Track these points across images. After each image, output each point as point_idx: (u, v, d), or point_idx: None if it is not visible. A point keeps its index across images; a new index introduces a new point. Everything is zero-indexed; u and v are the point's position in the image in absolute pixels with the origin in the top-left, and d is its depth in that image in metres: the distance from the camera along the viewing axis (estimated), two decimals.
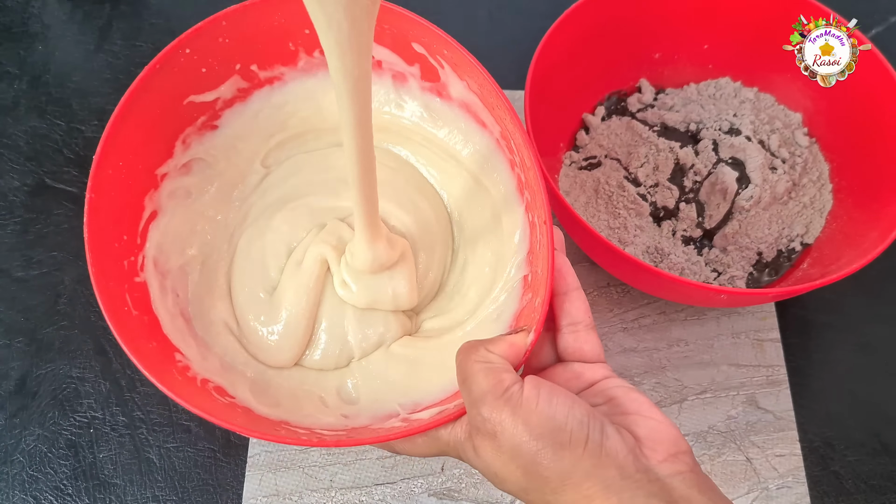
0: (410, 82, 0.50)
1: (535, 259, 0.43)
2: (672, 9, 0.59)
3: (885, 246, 0.47)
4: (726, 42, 0.61)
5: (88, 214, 0.39)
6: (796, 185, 0.58)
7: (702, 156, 0.57)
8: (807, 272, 0.55)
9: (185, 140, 0.47)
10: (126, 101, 0.42)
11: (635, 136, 0.60)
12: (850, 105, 0.57)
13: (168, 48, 0.44)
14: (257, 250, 0.47)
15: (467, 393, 0.33)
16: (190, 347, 0.43)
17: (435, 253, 0.49)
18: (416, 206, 0.49)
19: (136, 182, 0.44)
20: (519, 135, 0.42)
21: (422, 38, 0.46)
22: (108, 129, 0.41)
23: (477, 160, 0.49)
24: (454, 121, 0.50)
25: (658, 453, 0.31)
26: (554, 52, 0.54)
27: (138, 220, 0.44)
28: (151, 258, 0.44)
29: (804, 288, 0.47)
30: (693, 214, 0.56)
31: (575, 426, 0.30)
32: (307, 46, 0.49)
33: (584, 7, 0.55)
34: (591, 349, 0.37)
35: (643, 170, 0.58)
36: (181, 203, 0.47)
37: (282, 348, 0.45)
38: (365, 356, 0.46)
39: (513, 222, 0.46)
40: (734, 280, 0.55)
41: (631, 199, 0.57)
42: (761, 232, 0.56)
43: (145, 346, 0.39)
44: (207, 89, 0.47)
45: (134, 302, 0.41)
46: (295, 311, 0.45)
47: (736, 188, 0.55)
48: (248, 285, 0.47)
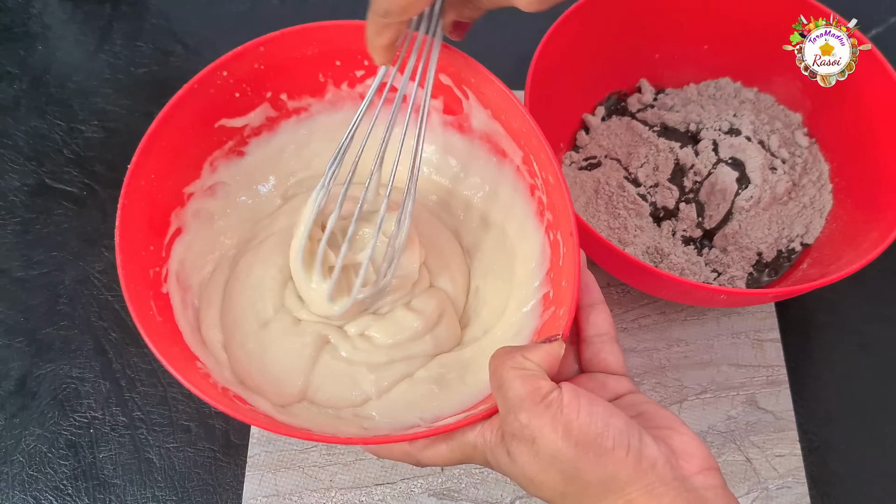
0: (433, 117, 0.50)
1: (557, 275, 0.43)
2: (672, 9, 0.59)
3: (884, 246, 0.47)
4: (726, 42, 0.61)
5: (121, 219, 0.40)
6: (796, 185, 0.58)
7: (702, 156, 0.57)
8: (806, 272, 0.55)
9: (212, 163, 0.48)
10: (163, 116, 0.43)
11: (635, 137, 0.60)
12: (850, 105, 0.57)
13: (208, 69, 0.45)
14: (256, 277, 0.47)
15: (503, 399, 0.33)
16: (209, 358, 0.44)
17: (457, 282, 0.50)
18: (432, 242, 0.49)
19: (165, 196, 0.45)
20: (543, 154, 0.42)
21: (449, 68, 0.46)
22: (145, 141, 0.42)
23: (489, 197, 0.50)
24: (473, 159, 0.50)
25: (693, 466, 0.31)
26: (554, 52, 0.54)
27: (164, 234, 0.45)
28: (175, 272, 0.45)
29: (804, 288, 0.47)
30: (693, 215, 0.56)
31: (616, 433, 0.31)
32: (336, 78, 0.50)
33: (584, 7, 0.55)
34: (615, 360, 0.37)
35: (643, 170, 0.58)
36: (204, 224, 0.48)
37: (268, 394, 0.44)
38: (384, 394, 0.45)
39: (530, 248, 0.47)
40: (734, 280, 0.55)
41: (631, 200, 0.57)
42: (761, 232, 0.56)
43: (169, 349, 0.39)
44: (238, 114, 0.48)
45: (158, 309, 0.42)
46: (285, 371, 0.44)
47: (736, 188, 0.55)
48: (238, 310, 0.46)
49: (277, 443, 0.51)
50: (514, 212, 0.49)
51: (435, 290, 0.48)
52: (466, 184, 0.51)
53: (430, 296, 0.47)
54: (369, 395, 0.45)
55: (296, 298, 0.46)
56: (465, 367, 0.45)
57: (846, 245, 0.53)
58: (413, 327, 0.45)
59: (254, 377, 0.44)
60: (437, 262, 0.49)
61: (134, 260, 0.41)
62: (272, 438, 0.51)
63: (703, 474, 0.31)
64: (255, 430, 0.51)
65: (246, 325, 0.46)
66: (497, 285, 0.48)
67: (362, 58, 0.49)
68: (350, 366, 0.45)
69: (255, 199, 0.51)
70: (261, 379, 0.44)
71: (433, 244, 0.49)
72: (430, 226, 0.50)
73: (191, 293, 0.46)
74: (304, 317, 0.46)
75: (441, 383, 0.45)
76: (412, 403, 0.44)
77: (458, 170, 0.51)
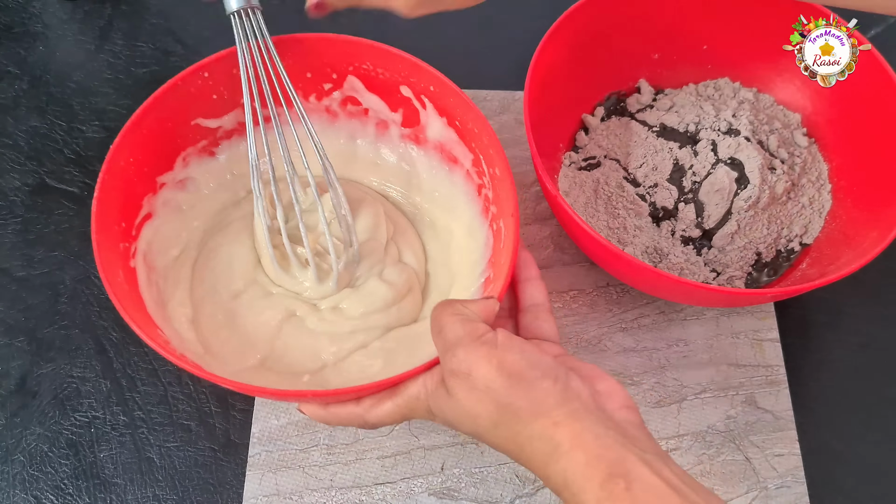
0: (392, 129, 0.55)
1: (497, 257, 0.47)
2: (671, 9, 0.59)
3: (884, 246, 0.47)
4: (725, 42, 0.61)
5: (99, 191, 0.44)
6: (795, 185, 0.58)
7: (700, 156, 0.57)
8: (805, 272, 0.55)
9: (185, 158, 0.51)
10: (146, 106, 0.47)
11: (634, 137, 0.60)
12: (849, 105, 0.57)
13: (191, 68, 0.48)
14: (226, 255, 0.51)
15: (443, 341, 0.36)
16: (171, 332, 0.47)
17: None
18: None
19: (140, 181, 0.48)
20: (493, 149, 0.47)
21: (410, 79, 0.50)
22: (128, 125, 0.46)
23: (438, 203, 0.55)
24: (426, 168, 0.55)
25: (614, 403, 0.35)
26: (553, 52, 0.54)
27: (136, 215, 0.48)
28: (142, 252, 0.48)
29: (803, 288, 0.47)
30: (692, 215, 0.56)
31: (545, 367, 0.34)
32: (305, 90, 0.53)
33: (584, 8, 0.55)
34: (549, 328, 0.41)
35: (642, 170, 0.58)
36: (173, 213, 0.51)
37: (230, 361, 0.47)
38: (340, 362, 0.48)
39: (475, 244, 0.51)
40: (733, 280, 0.55)
41: (630, 200, 0.57)
42: (760, 232, 0.56)
43: (133, 313, 0.42)
44: (213, 116, 0.51)
45: (126, 279, 0.45)
46: (250, 339, 0.48)
47: (734, 188, 0.55)
48: (208, 285, 0.50)
49: (278, 442, 0.51)
50: (461, 214, 0.53)
51: (404, 265, 0.52)
52: (419, 190, 0.56)
53: (400, 270, 0.51)
54: (326, 363, 0.48)
55: (267, 277, 0.51)
56: (415, 340, 0.49)
57: (845, 245, 0.53)
58: (384, 298, 0.49)
59: (220, 343, 0.48)
60: (402, 240, 0.54)
61: (107, 232, 0.44)
62: (273, 438, 0.51)
63: (624, 411, 0.35)
64: (255, 429, 0.51)
65: (216, 298, 0.50)
66: (444, 273, 0.53)
67: (331, 71, 0.52)
68: (313, 337, 0.49)
69: (224, 194, 0.54)
70: (226, 345, 0.48)
71: (398, 224, 0.54)
72: (392, 210, 0.55)
73: (156, 273, 0.49)
74: (276, 291, 0.50)
75: (392, 354, 0.48)
76: (364, 371, 0.48)
77: (411, 178, 0.56)
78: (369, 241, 0.51)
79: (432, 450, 0.51)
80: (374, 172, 0.57)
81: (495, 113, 0.64)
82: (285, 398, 0.48)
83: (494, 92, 0.65)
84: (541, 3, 0.72)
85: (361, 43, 0.49)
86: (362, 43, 0.49)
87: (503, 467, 0.51)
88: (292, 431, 0.51)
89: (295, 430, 0.51)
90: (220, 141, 0.53)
